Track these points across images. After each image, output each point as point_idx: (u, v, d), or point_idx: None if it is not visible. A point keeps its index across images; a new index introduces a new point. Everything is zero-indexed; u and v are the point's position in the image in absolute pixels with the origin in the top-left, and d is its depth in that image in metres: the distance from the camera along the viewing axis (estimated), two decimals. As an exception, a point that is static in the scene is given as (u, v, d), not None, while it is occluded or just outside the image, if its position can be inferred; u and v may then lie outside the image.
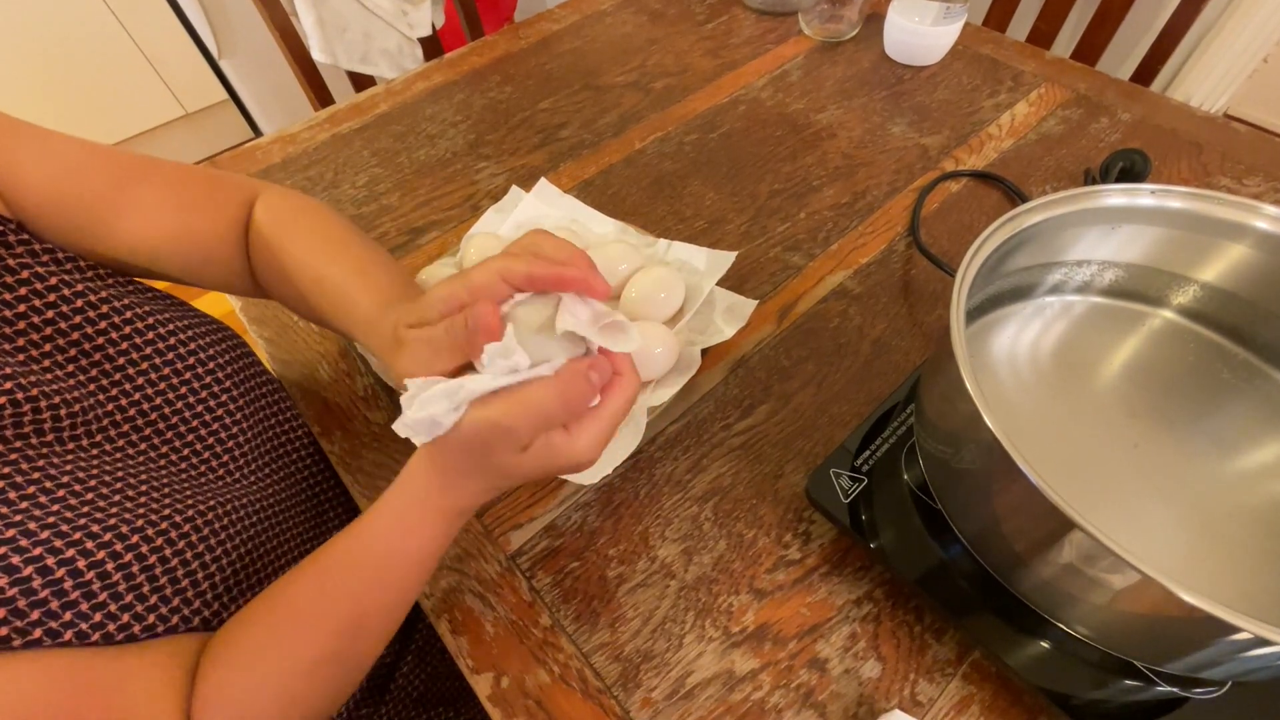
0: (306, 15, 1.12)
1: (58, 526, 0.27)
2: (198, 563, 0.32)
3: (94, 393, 0.33)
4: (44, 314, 0.32)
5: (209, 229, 0.40)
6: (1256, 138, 0.60)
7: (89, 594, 0.28)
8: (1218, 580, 0.32)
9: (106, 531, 0.29)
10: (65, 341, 0.33)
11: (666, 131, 0.67)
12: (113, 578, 0.28)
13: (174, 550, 0.31)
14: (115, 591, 0.28)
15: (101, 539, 0.29)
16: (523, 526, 0.42)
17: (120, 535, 0.29)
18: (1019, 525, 0.30)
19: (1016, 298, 0.41)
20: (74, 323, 0.33)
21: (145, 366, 0.35)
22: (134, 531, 0.30)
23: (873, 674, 0.36)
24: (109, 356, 0.34)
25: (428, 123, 0.70)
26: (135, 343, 0.35)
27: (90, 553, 0.28)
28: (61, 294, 0.33)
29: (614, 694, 0.36)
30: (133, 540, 0.30)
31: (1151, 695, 0.32)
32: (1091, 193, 0.35)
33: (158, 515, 0.31)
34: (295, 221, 0.42)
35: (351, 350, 0.51)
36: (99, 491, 0.30)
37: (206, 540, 0.33)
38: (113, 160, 0.37)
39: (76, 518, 0.28)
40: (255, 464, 0.40)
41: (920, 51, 0.70)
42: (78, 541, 0.28)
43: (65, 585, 0.27)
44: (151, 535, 0.30)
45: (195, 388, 0.38)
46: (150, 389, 0.35)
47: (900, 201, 0.59)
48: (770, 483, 0.43)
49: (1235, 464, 0.36)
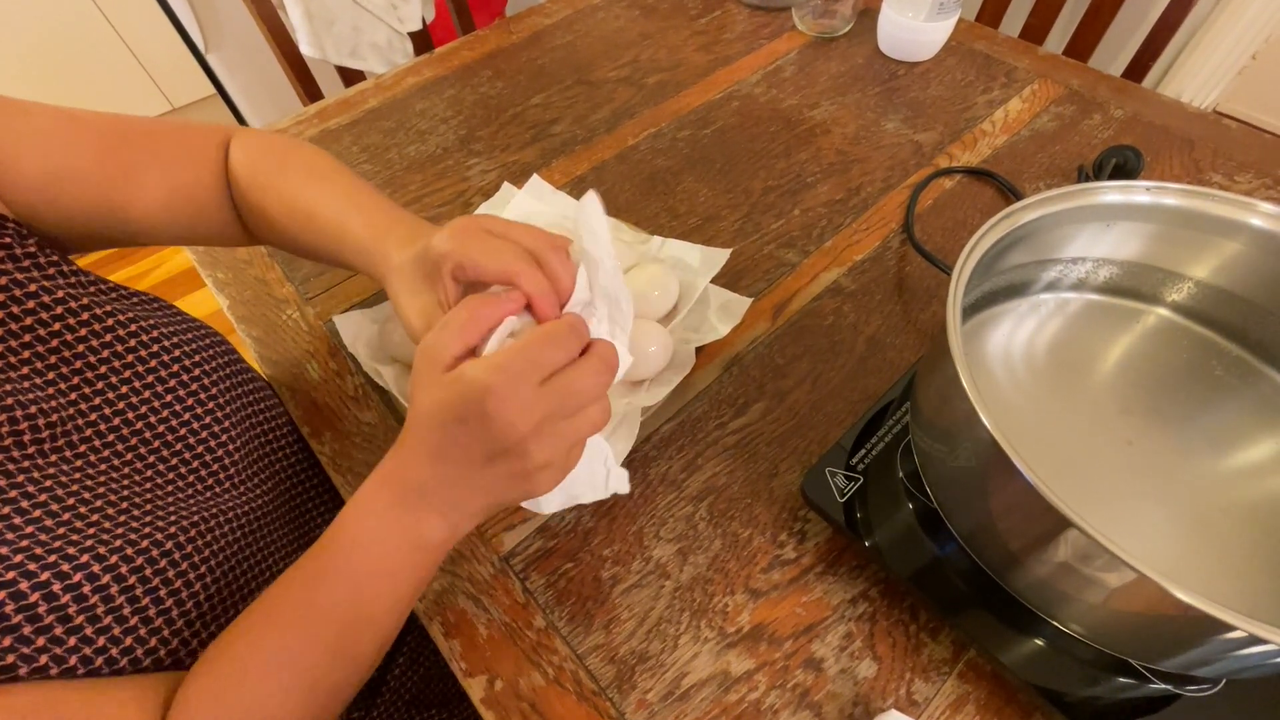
0: (294, 9, 1.10)
1: (31, 550, 0.27)
2: (181, 581, 0.31)
3: (75, 402, 0.32)
4: (22, 320, 0.31)
5: (194, 181, 0.40)
6: (1247, 134, 0.61)
7: (64, 618, 0.27)
8: (1211, 578, 0.32)
9: (83, 554, 0.28)
10: (45, 349, 0.32)
11: (659, 127, 0.67)
12: (89, 600, 0.28)
13: (155, 570, 0.30)
14: (93, 615, 0.28)
15: (78, 560, 0.28)
16: (516, 527, 0.41)
17: (98, 556, 0.28)
18: (1014, 523, 0.30)
19: (1011, 295, 0.41)
20: (54, 329, 0.32)
21: (128, 374, 0.34)
22: (112, 552, 0.29)
23: (868, 673, 0.35)
24: (90, 365, 0.33)
25: (418, 118, 0.69)
26: (117, 350, 0.34)
27: (66, 575, 0.27)
28: (42, 300, 0.32)
29: (609, 696, 0.35)
30: (111, 560, 0.29)
31: (1145, 693, 0.32)
32: (1087, 189, 0.35)
33: (138, 535, 0.30)
34: (278, 160, 0.41)
35: (342, 349, 0.51)
36: (76, 511, 0.29)
37: (190, 558, 0.32)
38: (97, 129, 0.36)
39: (52, 540, 0.27)
40: (243, 474, 0.40)
41: (914, 47, 0.70)
42: (53, 564, 0.27)
43: (39, 610, 0.26)
44: (132, 555, 0.30)
45: (181, 395, 0.37)
46: (135, 397, 0.34)
47: (894, 198, 0.58)
48: (765, 482, 0.42)
49: (1229, 461, 0.36)
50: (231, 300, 0.55)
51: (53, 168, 0.34)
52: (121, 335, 0.35)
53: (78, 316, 0.33)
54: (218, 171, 0.41)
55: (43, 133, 0.34)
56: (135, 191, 0.37)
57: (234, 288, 0.56)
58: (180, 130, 0.41)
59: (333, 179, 0.41)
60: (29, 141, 0.33)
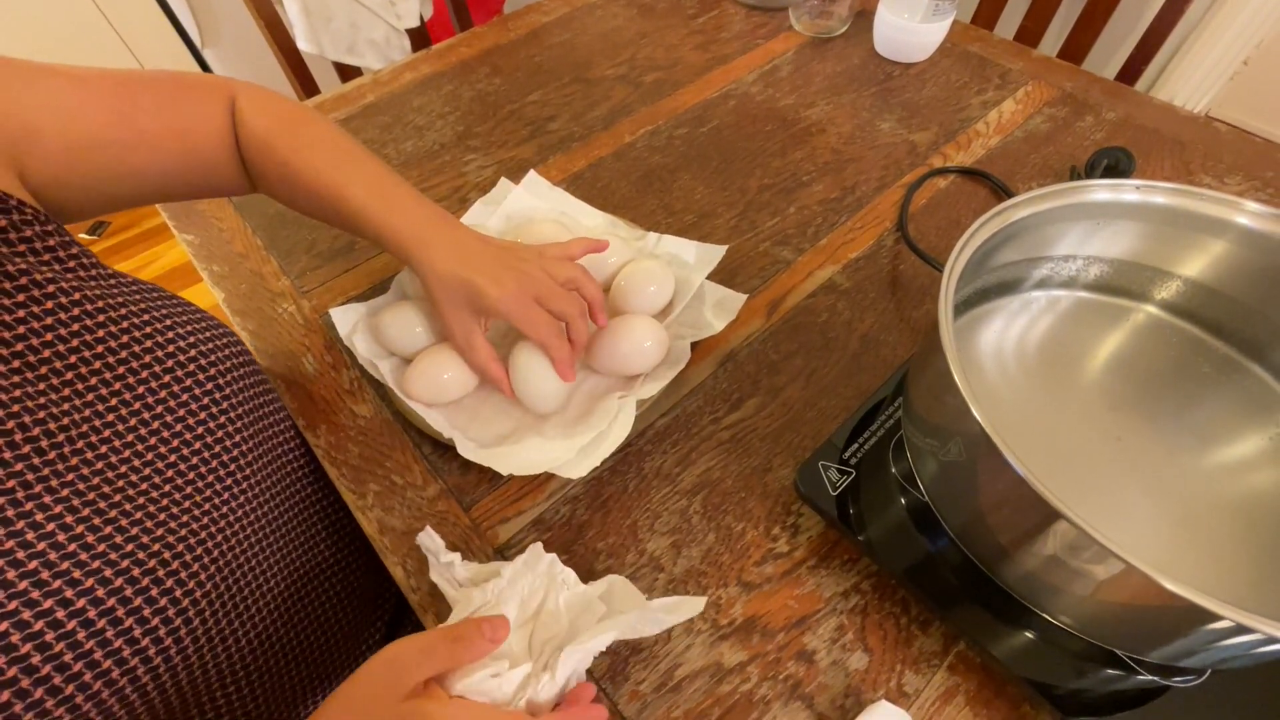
0: (292, 5, 1.10)
1: (38, 575, 0.27)
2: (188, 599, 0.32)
3: (92, 403, 0.31)
4: (44, 320, 0.30)
5: (202, 133, 0.40)
6: (1238, 137, 0.61)
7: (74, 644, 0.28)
8: (1197, 570, 0.33)
9: (89, 577, 0.29)
10: (66, 349, 0.31)
11: (656, 125, 0.67)
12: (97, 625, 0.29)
13: (161, 589, 0.31)
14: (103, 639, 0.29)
15: (83, 585, 0.28)
16: (510, 520, 0.42)
17: (103, 580, 0.29)
18: (1005, 517, 0.31)
19: (1003, 292, 0.41)
20: (73, 329, 0.31)
21: (145, 375, 0.34)
22: (119, 575, 0.30)
23: (860, 665, 0.36)
24: (109, 365, 0.32)
25: (415, 114, 0.69)
26: (134, 350, 0.34)
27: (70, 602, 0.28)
28: (60, 301, 0.31)
29: (602, 686, 0.35)
30: (117, 584, 0.29)
31: (1133, 684, 0.33)
32: (1077, 188, 0.36)
33: (145, 553, 0.31)
34: (299, 130, 0.42)
35: (337, 342, 0.51)
36: (90, 523, 0.29)
37: (196, 576, 0.33)
38: (104, 94, 0.36)
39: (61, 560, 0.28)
40: (250, 478, 0.39)
41: (909, 48, 0.71)
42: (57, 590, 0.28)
43: (47, 638, 0.27)
44: (138, 576, 0.30)
45: (198, 395, 0.36)
46: (151, 398, 0.34)
47: (889, 197, 0.59)
48: (759, 476, 0.43)
49: (1215, 457, 0.36)
50: (228, 294, 0.55)
51: (72, 138, 0.34)
52: (138, 336, 0.34)
53: (94, 319, 0.32)
54: (224, 126, 0.42)
55: (59, 101, 0.34)
56: (149, 154, 0.38)
57: (230, 281, 0.56)
58: (180, 84, 0.41)
59: (361, 162, 0.42)
60: (48, 113, 0.33)
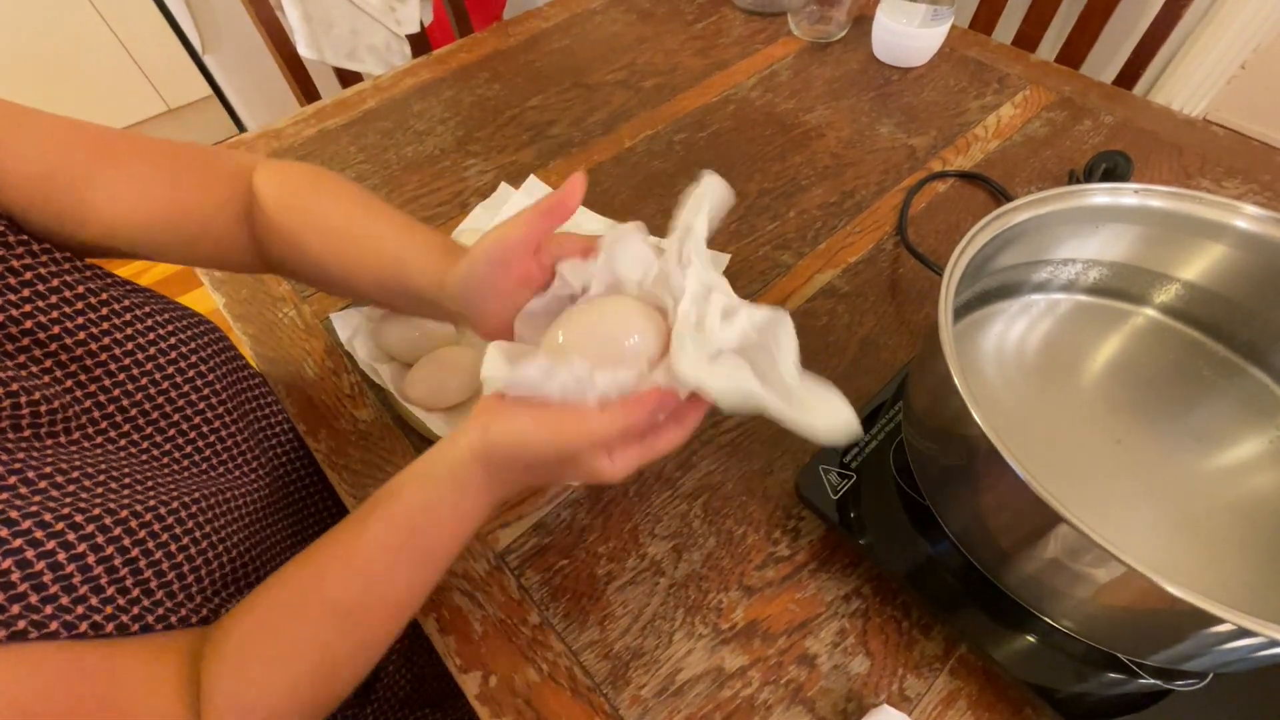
0: (293, 10, 1.11)
1: (39, 516, 0.27)
2: (183, 555, 0.32)
3: (71, 389, 0.32)
4: (21, 308, 0.31)
5: (199, 203, 0.39)
6: (1236, 141, 0.62)
7: (69, 587, 0.27)
8: (1198, 573, 0.33)
9: (89, 523, 0.28)
10: (46, 335, 0.32)
11: (656, 130, 0.67)
12: (94, 570, 0.28)
13: (157, 542, 0.31)
14: (97, 585, 0.28)
15: (84, 530, 0.28)
16: (511, 524, 0.42)
17: (103, 527, 0.29)
18: (1005, 520, 0.31)
19: (1003, 296, 0.42)
20: (52, 316, 0.32)
21: (128, 362, 0.35)
22: (117, 524, 0.29)
23: (861, 669, 0.36)
24: (91, 352, 0.33)
25: (416, 119, 0.70)
26: (116, 338, 0.34)
27: (71, 545, 0.27)
28: (36, 289, 0.32)
29: (603, 692, 0.35)
30: (115, 532, 0.29)
31: (1135, 688, 0.33)
32: (1076, 191, 0.36)
33: (142, 506, 0.31)
34: (317, 188, 0.41)
35: (338, 347, 0.51)
36: (81, 484, 0.29)
37: (191, 533, 0.32)
38: (97, 135, 0.36)
39: (60, 507, 0.28)
40: (239, 458, 0.40)
41: (908, 53, 0.71)
42: (59, 533, 0.27)
43: (45, 579, 0.26)
44: (135, 527, 0.30)
45: (178, 382, 0.37)
46: (131, 384, 0.35)
47: (888, 201, 0.59)
48: (759, 480, 0.43)
49: (1215, 459, 0.36)
50: (228, 298, 0.55)
51: (48, 168, 0.34)
52: (118, 324, 0.35)
53: (73, 305, 0.33)
54: (232, 198, 0.40)
55: (44, 131, 0.34)
56: (127, 204, 0.36)
57: (230, 285, 0.56)
58: (199, 155, 0.40)
59: (381, 209, 0.41)
60: (30, 139, 0.33)
